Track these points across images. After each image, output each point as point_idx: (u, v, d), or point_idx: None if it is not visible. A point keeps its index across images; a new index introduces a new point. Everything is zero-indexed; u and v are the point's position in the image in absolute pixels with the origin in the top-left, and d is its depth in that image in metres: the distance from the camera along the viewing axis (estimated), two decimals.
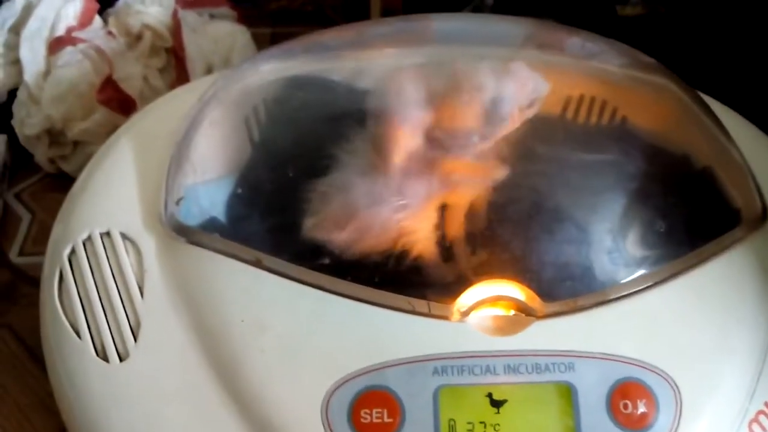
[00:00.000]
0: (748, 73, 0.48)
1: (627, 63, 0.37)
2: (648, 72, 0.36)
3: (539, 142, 0.32)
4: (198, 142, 0.33)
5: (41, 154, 0.50)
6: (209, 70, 0.55)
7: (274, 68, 0.38)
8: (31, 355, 0.39)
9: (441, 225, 0.28)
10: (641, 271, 0.28)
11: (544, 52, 0.38)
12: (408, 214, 0.28)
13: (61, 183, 0.49)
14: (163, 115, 0.37)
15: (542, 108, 0.36)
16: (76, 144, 0.50)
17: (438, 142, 0.28)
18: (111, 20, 0.55)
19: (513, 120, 0.30)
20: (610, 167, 0.31)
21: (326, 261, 0.27)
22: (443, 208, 0.29)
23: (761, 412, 0.26)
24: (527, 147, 0.31)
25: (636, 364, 0.25)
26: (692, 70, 0.38)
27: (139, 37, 0.54)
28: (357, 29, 0.41)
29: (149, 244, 0.29)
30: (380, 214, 0.28)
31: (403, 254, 0.28)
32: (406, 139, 0.29)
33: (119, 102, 0.49)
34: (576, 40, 0.38)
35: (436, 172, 0.29)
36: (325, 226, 0.28)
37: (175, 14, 0.55)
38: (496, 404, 0.25)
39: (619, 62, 0.37)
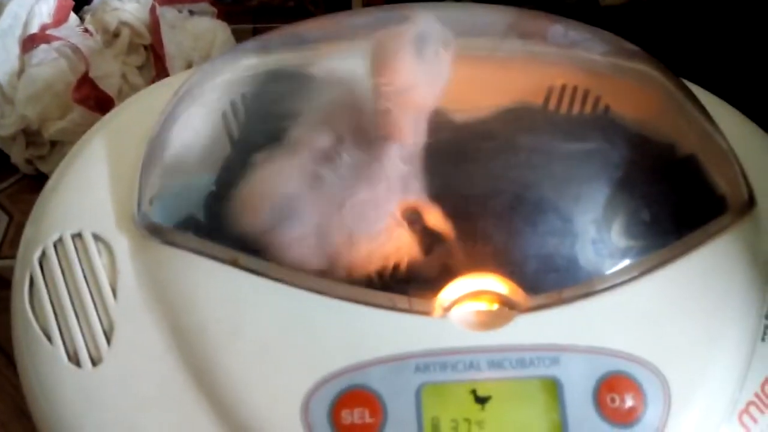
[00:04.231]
0: (732, 61, 0.47)
1: (610, 51, 0.36)
2: (631, 59, 0.36)
3: (521, 132, 0.31)
4: (172, 138, 0.32)
5: (17, 154, 0.49)
6: (189, 67, 0.54)
7: (252, 62, 0.37)
8: (8, 361, 0.38)
9: (420, 218, 0.28)
10: (627, 262, 0.28)
11: (526, 41, 0.37)
12: (387, 208, 0.28)
13: (39, 184, 0.47)
14: (138, 111, 0.36)
15: (524, 97, 0.35)
16: (53, 144, 0.49)
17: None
18: (87, 18, 0.54)
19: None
20: (593, 156, 0.31)
21: (303, 259, 0.27)
22: (422, 201, 0.28)
23: (751, 402, 0.26)
24: (509, 137, 0.31)
25: (623, 357, 0.25)
26: (675, 60, 0.38)
27: (116, 35, 0.53)
28: (337, 20, 0.41)
29: (122, 245, 0.28)
30: (358, 209, 0.27)
31: (382, 249, 0.27)
32: (385, 134, 0.29)
33: (96, 101, 0.48)
34: (559, 28, 0.38)
35: (414, 165, 0.28)
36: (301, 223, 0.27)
37: (153, 11, 0.54)
38: (481, 401, 0.24)
39: (603, 50, 0.36)
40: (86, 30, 0.52)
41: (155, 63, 0.53)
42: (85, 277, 0.28)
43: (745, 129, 0.36)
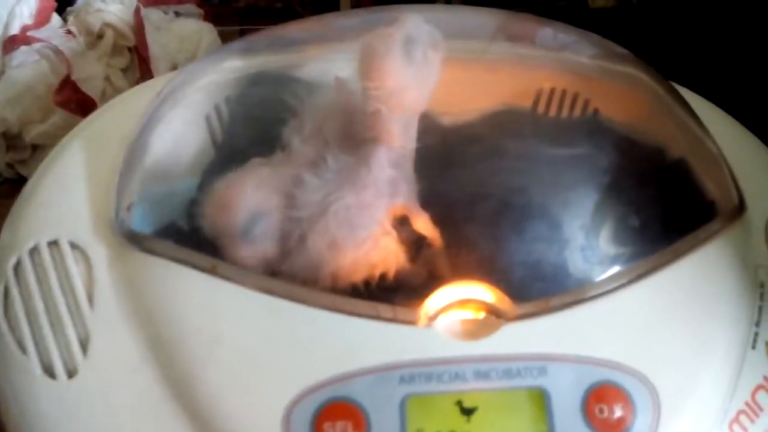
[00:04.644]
0: (722, 64, 0.47)
1: (599, 54, 0.36)
2: (621, 63, 0.35)
3: (510, 137, 0.31)
4: (152, 142, 0.31)
5: None
6: (174, 69, 0.53)
7: (237, 63, 0.36)
8: None
9: (407, 224, 0.27)
10: (615, 269, 0.27)
11: (516, 44, 0.37)
12: (373, 214, 0.27)
13: (21, 188, 0.47)
14: (119, 114, 0.35)
15: (513, 101, 0.35)
16: (34, 148, 0.49)
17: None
18: (71, 19, 0.54)
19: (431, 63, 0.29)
20: (582, 161, 0.30)
21: (284, 267, 0.26)
22: (409, 207, 0.28)
23: (741, 411, 0.25)
24: (497, 141, 0.30)
25: (611, 367, 0.24)
26: (664, 62, 0.38)
27: (100, 36, 0.53)
28: (325, 21, 0.40)
29: (99, 253, 0.28)
30: (344, 215, 0.27)
31: (366, 257, 0.26)
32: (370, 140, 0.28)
33: (78, 103, 0.47)
34: (548, 32, 0.37)
35: (402, 169, 0.28)
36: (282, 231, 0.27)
37: (137, 12, 0.54)
38: (467, 412, 0.24)
39: (592, 53, 0.36)
40: (69, 31, 0.51)
41: (139, 65, 0.53)
42: (60, 286, 0.27)
43: (735, 132, 0.35)
